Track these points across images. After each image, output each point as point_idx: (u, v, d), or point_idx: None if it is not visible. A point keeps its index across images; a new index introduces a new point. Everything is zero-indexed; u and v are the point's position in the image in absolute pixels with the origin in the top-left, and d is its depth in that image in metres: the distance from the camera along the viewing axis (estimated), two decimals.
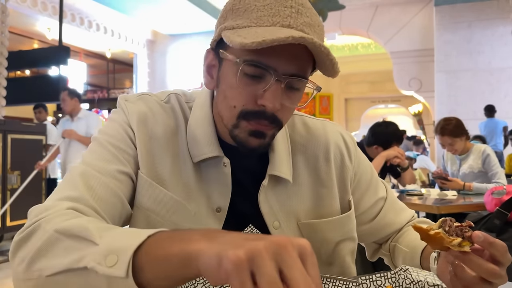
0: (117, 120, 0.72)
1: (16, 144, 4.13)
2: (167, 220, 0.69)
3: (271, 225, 0.73)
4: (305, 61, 0.63)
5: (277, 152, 0.74)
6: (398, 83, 7.96)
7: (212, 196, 0.72)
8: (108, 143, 0.69)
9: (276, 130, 0.67)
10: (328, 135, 0.80)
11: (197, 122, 0.72)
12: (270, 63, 0.61)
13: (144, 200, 0.69)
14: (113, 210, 0.65)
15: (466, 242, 0.55)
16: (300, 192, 0.76)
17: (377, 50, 10.38)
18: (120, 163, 0.68)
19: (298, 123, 0.81)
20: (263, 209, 0.73)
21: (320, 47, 0.58)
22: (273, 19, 0.61)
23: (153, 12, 7.87)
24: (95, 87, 13.68)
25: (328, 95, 11.84)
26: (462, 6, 6.92)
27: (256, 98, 0.63)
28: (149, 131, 0.71)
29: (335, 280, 0.66)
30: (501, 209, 1.95)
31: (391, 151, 2.74)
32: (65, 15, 6.83)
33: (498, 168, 2.86)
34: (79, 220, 0.52)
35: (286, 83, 0.63)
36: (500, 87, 6.70)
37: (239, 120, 0.65)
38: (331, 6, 5.23)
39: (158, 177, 0.70)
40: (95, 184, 0.64)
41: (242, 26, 0.62)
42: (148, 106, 0.73)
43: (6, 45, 4.64)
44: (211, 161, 0.71)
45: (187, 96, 0.77)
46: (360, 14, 7.93)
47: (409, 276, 0.63)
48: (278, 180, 0.73)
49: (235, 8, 0.65)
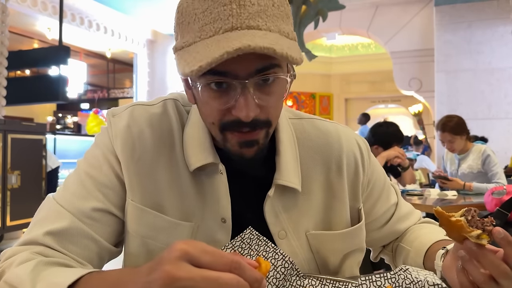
0: (100, 145, 0.69)
1: (16, 144, 4.13)
2: (167, 244, 0.66)
3: (277, 234, 0.70)
4: (264, 55, 0.54)
5: (283, 158, 0.69)
6: (398, 83, 7.95)
7: (213, 207, 0.69)
8: (86, 174, 0.67)
9: (265, 130, 0.63)
10: (342, 141, 0.75)
11: (193, 129, 0.69)
12: (229, 70, 0.56)
13: (139, 228, 0.67)
14: (86, 252, 0.64)
15: (485, 235, 0.53)
16: (309, 201, 0.72)
17: (377, 50, 10.38)
18: (96, 200, 0.65)
19: (308, 126, 0.76)
20: (269, 219, 0.70)
21: (263, 49, 0.51)
22: (215, 26, 0.55)
23: (153, 12, 7.86)
24: (95, 87, 13.67)
25: (328, 95, 11.84)
26: (462, 6, 6.91)
27: (229, 109, 0.59)
28: (137, 151, 0.67)
29: (334, 282, 0.66)
30: (501, 209, 1.95)
31: (391, 151, 2.74)
32: (65, 15, 6.82)
33: (498, 168, 2.86)
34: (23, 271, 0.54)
35: (255, 83, 0.58)
36: (500, 87, 6.69)
37: (224, 133, 0.62)
38: (331, 6, 5.21)
39: (154, 202, 0.67)
40: (65, 226, 0.62)
41: (189, 44, 0.58)
42: (136, 119, 0.69)
43: (6, 45, 4.64)
44: (208, 169, 0.68)
45: (185, 100, 0.73)
46: (360, 14, 7.93)
47: (409, 276, 0.63)
48: (286, 189, 0.70)
49: (179, 22, 0.60)
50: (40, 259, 0.56)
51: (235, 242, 0.69)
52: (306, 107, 11.57)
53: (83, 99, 13.12)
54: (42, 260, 0.56)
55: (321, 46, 11.08)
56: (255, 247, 0.68)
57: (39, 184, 4.37)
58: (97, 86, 13.67)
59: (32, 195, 4.17)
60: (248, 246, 0.68)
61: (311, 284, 0.65)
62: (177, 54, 0.59)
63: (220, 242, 0.69)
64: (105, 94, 13.09)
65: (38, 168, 4.36)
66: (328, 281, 0.66)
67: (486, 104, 6.69)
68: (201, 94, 0.60)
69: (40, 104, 8.82)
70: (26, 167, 4.17)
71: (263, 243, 0.67)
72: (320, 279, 0.66)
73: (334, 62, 11.57)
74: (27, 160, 4.22)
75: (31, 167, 4.09)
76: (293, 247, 0.71)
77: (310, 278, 0.66)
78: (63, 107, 13.14)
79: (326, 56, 11.35)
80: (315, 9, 5.16)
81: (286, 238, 0.71)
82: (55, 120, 7.36)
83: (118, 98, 12.70)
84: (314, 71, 11.14)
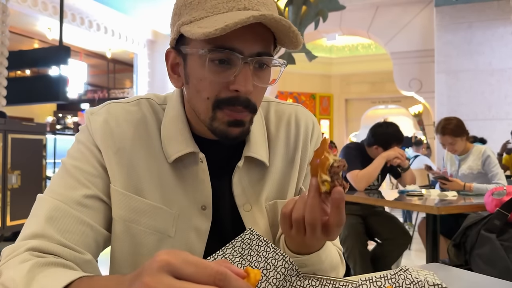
0: (81, 140, 0.72)
1: (16, 144, 4.13)
2: (149, 228, 0.70)
3: (242, 207, 0.74)
4: (268, 39, 0.64)
5: (253, 136, 0.75)
6: (398, 83, 7.96)
7: (194, 195, 0.72)
8: (72, 167, 0.69)
9: (252, 115, 0.68)
10: (301, 121, 0.83)
11: (170, 122, 0.73)
12: (236, 47, 0.62)
13: (122, 212, 0.70)
14: (84, 238, 0.65)
15: (328, 185, 0.56)
16: (272, 175, 0.77)
17: (378, 50, 10.39)
18: (85, 187, 0.68)
19: (273, 108, 0.83)
20: (235, 191, 0.74)
21: (281, 21, 0.59)
22: (228, 5, 0.62)
23: (154, 12, 7.87)
24: (95, 87, 13.68)
25: (328, 96, 11.84)
26: (463, 7, 6.91)
27: (228, 85, 0.64)
28: (116, 142, 0.70)
29: (334, 282, 0.66)
30: (502, 209, 1.95)
31: (391, 152, 2.75)
32: (65, 15, 6.83)
33: (498, 169, 2.86)
34: (18, 274, 0.55)
35: (254, 63, 0.64)
36: (500, 87, 6.70)
37: (215, 111, 0.66)
38: (331, 6, 5.22)
39: (134, 187, 0.70)
40: (60, 215, 0.64)
41: (199, 18, 0.62)
42: (113, 115, 0.72)
43: (7, 45, 4.64)
44: (188, 159, 0.71)
45: (160, 99, 0.78)
46: (361, 14, 7.93)
47: (409, 276, 0.63)
48: (254, 162, 0.75)
49: (187, 3, 0.65)
50: (36, 260, 0.57)
51: (235, 243, 0.69)
52: (306, 108, 11.55)
53: (83, 99, 13.13)
54: (38, 262, 0.57)
55: (321, 47, 11.09)
56: (255, 247, 0.68)
57: (39, 184, 4.37)
58: (97, 86, 13.68)
59: (32, 195, 4.13)
60: (248, 247, 0.68)
61: (311, 285, 0.65)
62: (186, 26, 0.63)
63: (200, 228, 0.72)
64: (105, 94, 13.10)
65: (38, 168, 4.37)
66: (328, 281, 0.66)
67: (486, 104, 6.69)
68: (206, 68, 0.63)
69: (40, 104, 8.81)
70: (26, 167, 4.18)
71: (263, 243, 0.67)
72: (320, 279, 0.66)
73: (334, 62, 11.58)
74: (27, 160, 4.22)
75: (31, 167, 4.10)
76: (255, 219, 0.75)
77: (310, 279, 0.67)
78: (63, 107, 13.16)
79: (326, 57, 11.35)
80: (316, 9, 5.16)
81: (251, 211, 0.75)
82: (55, 120, 7.37)
83: (118, 98, 12.54)
84: (314, 72, 11.14)
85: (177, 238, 0.71)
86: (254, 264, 0.66)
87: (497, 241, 1.88)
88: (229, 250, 0.68)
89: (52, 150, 5.49)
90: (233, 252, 0.68)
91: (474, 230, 2.04)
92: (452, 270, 0.85)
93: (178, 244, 0.71)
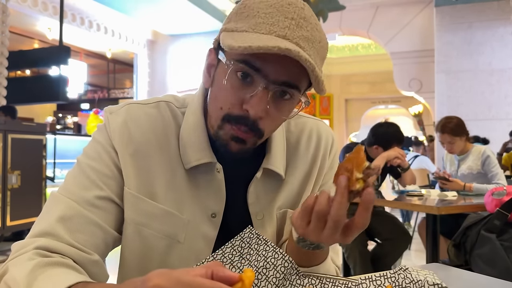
0: (98, 140, 0.72)
1: (16, 144, 4.13)
2: (160, 232, 0.70)
3: (255, 215, 0.75)
4: (298, 73, 0.63)
5: (273, 147, 0.76)
6: (398, 83, 7.95)
7: (206, 203, 0.72)
8: (87, 166, 0.69)
9: (257, 139, 0.68)
10: (322, 137, 0.83)
11: (190, 128, 0.72)
12: (262, 68, 0.62)
13: (134, 215, 0.70)
14: (93, 238, 0.66)
15: (361, 183, 0.57)
16: (288, 186, 0.78)
17: (378, 50, 10.38)
18: (98, 189, 0.68)
19: (293, 122, 0.83)
20: (250, 199, 0.74)
21: (306, 62, 0.57)
22: (271, 28, 0.61)
23: (154, 12, 7.87)
24: (95, 87, 13.68)
25: (329, 96, 11.84)
26: (463, 7, 6.91)
27: (242, 102, 0.64)
28: (133, 145, 0.70)
29: (334, 280, 0.66)
30: (502, 210, 1.95)
31: (391, 152, 2.74)
32: (65, 15, 6.83)
33: (498, 169, 2.86)
34: (20, 274, 0.56)
35: (275, 91, 0.63)
36: (500, 88, 6.70)
37: (223, 122, 0.66)
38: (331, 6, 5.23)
39: (147, 190, 0.70)
40: (71, 215, 0.65)
41: (240, 30, 0.63)
42: (132, 116, 0.72)
43: (7, 45, 4.65)
44: (204, 167, 0.72)
45: (180, 102, 0.77)
46: (361, 14, 7.93)
47: (409, 276, 0.63)
48: (271, 174, 0.75)
49: (239, 12, 0.65)
50: (39, 260, 0.58)
51: (234, 242, 0.69)
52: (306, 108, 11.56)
53: (83, 99, 13.13)
54: (41, 261, 0.57)
55: None
56: (255, 246, 0.68)
57: (39, 184, 4.37)
58: (97, 86, 13.68)
59: (32, 195, 4.17)
60: (247, 246, 0.68)
61: (311, 283, 0.65)
62: (226, 33, 0.64)
63: (208, 236, 0.73)
64: (105, 94, 13.10)
65: (38, 168, 4.37)
66: (327, 280, 0.66)
67: (486, 105, 6.69)
68: (227, 78, 0.64)
69: (40, 104, 8.83)
70: (26, 167, 4.18)
71: (262, 242, 0.68)
72: (319, 278, 0.66)
73: (334, 62, 11.57)
74: (27, 160, 4.22)
75: (31, 167, 4.10)
76: (265, 227, 0.76)
77: (310, 277, 0.67)
78: (63, 107, 13.15)
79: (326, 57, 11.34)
80: (316, 9, 5.16)
81: (263, 220, 0.76)
82: (55, 120, 7.38)
83: (118, 98, 12.70)
84: None
85: (186, 244, 0.72)
86: (254, 263, 0.66)
87: (497, 241, 1.88)
88: (229, 250, 0.68)
89: (52, 150, 5.49)
90: (233, 252, 0.68)
91: (474, 230, 2.04)
92: (452, 270, 0.85)
93: (187, 250, 0.72)
